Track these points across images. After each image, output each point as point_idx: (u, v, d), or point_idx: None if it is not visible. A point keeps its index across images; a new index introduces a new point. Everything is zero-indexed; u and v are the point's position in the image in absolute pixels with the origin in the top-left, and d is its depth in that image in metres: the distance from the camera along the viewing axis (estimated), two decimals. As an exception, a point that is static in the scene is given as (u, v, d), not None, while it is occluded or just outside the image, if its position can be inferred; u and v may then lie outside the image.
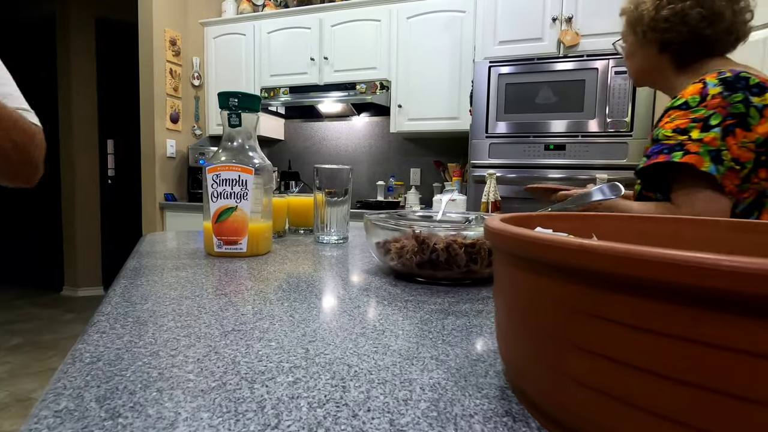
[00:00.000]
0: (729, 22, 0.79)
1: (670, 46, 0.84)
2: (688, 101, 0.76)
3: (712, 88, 0.75)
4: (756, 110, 0.72)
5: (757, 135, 0.72)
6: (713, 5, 0.78)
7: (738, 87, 0.74)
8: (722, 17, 0.78)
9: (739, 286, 0.12)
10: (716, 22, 0.79)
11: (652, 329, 0.14)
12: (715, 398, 0.13)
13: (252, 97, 0.65)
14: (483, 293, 0.47)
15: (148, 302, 0.39)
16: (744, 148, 0.72)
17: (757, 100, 0.72)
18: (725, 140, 0.72)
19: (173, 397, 0.22)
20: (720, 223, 0.27)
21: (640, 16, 0.85)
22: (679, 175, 0.76)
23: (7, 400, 1.99)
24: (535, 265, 0.19)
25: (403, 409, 0.22)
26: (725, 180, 0.72)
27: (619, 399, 0.16)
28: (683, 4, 0.79)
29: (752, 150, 0.72)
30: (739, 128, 0.72)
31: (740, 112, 0.72)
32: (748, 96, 0.72)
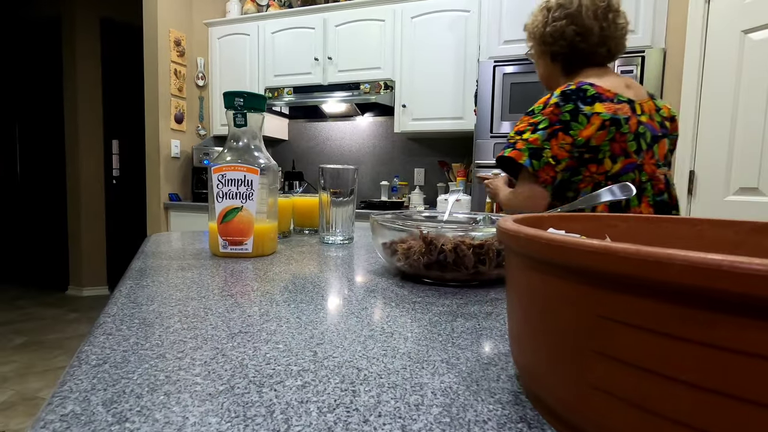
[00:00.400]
0: (598, 36, 0.94)
1: (557, 57, 1.00)
2: (534, 109, 0.94)
3: (552, 99, 0.91)
4: (584, 117, 0.87)
5: (580, 138, 0.88)
6: (584, 23, 0.94)
7: (572, 98, 0.89)
8: (592, 32, 0.94)
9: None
10: (588, 37, 0.94)
11: (673, 334, 0.14)
12: (747, 409, 0.13)
13: (257, 97, 0.65)
14: (491, 295, 0.46)
15: (154, 303, 0.39)
16: (562, 149, 0.89)
17: (588, 108, 0.87)
18: (549, 141, 0.89)
19: (181, 401, 0.22)
20: (740, 224, 0.26)
21: (534, 31, 1.01)
22: (517, 167, 0.95)
23: (14, 399, 2.00)
24: (552, 267, 0.18)
25: (415, 415, 0.21)
26: (541, 172, 0.90)
27: (639, 406, 0.15)
28: (561, 23, 0.95)
29: (567, 151, 0.89)
30: (562, 132, 0.88)
31: (566, 120, 0.88)
32: (578, 105, 0.88)
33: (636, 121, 0.90)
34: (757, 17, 1.56)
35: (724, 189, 1.66)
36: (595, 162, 0.90)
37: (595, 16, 0.93)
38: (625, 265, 0.14)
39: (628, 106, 0.90)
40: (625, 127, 0.88)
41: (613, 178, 0.90)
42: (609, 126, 0.87)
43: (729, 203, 1.65)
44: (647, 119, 0.93)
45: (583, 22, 0.93)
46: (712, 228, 0.27)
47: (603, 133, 0.88)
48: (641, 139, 0.91)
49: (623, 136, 0.88)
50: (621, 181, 0.90)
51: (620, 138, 0.88)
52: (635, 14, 1.87)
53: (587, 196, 0.57)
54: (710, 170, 1.72)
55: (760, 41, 1.55)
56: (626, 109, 0.90)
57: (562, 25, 0.95)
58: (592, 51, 0.96)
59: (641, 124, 0.91)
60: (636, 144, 0.90)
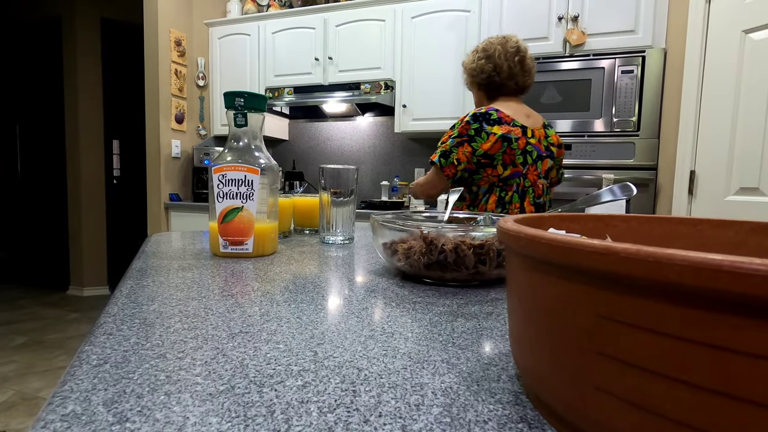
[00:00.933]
0: (507, 73, 1.27)
1: (481, 86, 1.33)
2: (455, 125, 1.26)
3: (466, 117, 1.23)
4: (486, 134, 1.20)
5: (480, 149, 1.20)
6: (496, 62, 1.27)
7: (480, 119, 1.21)
8: (502, 69, 1.27)
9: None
10: (500, 73, 1.27)
11: (674, 334, 0.14)
12: (748, 409, 0.12)
13: (258, 97, 0.65)
14: (492, 295, 0.46)
15: (155, 303, 0.39)
16: (464, 155, 1.22)
17: (489, 128, 1.20)
18: (456, 148, 1.22)
19: (181, 401, 0.22)
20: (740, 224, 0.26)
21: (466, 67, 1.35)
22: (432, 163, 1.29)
23: (14, 398, 2.00)
24: (553, 267, 0.18)
25: (416, 415, 0.21)
26: (446, 168, 1.23)
27: (640, 406, 0.15)
28: (482, 61, 1.29)
29: (467, 157, 1.21)
30: (467, 143, 1.21)
31: (471, 134, 1.20)
32: (483, 125, 1.20)
33: (525, 141, 1.22)
34: (757, 17, 1.56)
35: (725, 189, 1.66)
36: (490, 167, 1.22)
37: (506, 58, 1.27)
38: (625, 265, 0.14)
39: (521, 130, 1.22)
40: (514, 144, 1.20)
41: (503, 180, 1.23)
42: (502, 142, 1.19)
43: (729, 203, 1.65)
44: (536, 142, 1.25)
45: (496, 62, 1.27)
46: (713, 228, 0.27)
47: (497, 146, 1.19)
48: (528, 155, 1.23)
49: (512, 151, 1.20)
50: (510, 183, 1.23)
51: (510, 152, 1.20)
52: (635, 14, 1.87)
53: (588, 196, 0.57)
54: (711, 170, 1.71)
55: (760, 41, 1.55)
56: (518, 132, 1.21)
57: (483, 63, 1.29)
58: (503, 83, 1.29)
59: (529, 144, 1.23)
60: (522, 158, 1.22)
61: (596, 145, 1.89)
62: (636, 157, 1.83)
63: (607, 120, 1.86)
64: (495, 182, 1.23)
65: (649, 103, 1.81)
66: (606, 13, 1.91)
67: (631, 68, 1.82)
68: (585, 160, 1.90)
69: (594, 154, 1.89)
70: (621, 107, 1.84)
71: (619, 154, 1.86)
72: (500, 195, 1.25)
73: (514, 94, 1.32)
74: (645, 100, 1.82)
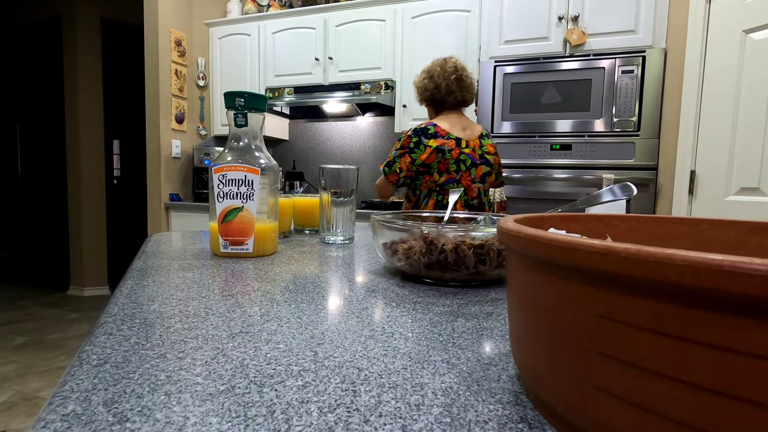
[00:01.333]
0: (446, 90, 1.46)
1: (427, 102, 1.53)
2: (400, 138, 1.45)
3: (409, 132, 1.43)
4: (423, 146, 1.40)
5: (418, 160, 1.40)
6: (435, 80, 1.46)
7: (419, 133, 1.41)
8: (440, 87, 1.46)
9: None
10: (440, 90, 1.46)
11: (674, 334, 0.14)
12: (748, 409, 0.12)
13: (258, 97, 0.65)
14: (492, 295, 0.46)
15: (155, 303, 0.39)
16: (404, 164, 1.42)
17: (426, 141, 1.40)
18: (399, 159, 1.43)
19: (181, 400, 0.22)
20: (741, 224, 0.26)
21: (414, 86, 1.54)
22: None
23: (14, 398, 2.00)
24: (553, 267, 0.18)
25: (416, 415, 0.21)
26: (390, 176, 1.45)
27: (640, 406, 0.15)
28: (425, 81, 1.49)
29: (407, 166, 1.42)
30: (408, 155, 1.42)
31: (411, 147, 1.41)
32: (421, 138, 1.40)
33: (458, 151, 1.41)
34: (758, 17, 1.56)
35: (725, 189, 1.66)
36: (428, 174, 1.42)
37: (444, 77, 1.45)
38: (626, 265, 0.14)
39: (455, 142, 1.41)
40: (447, 155, 1.40)
41: (440, 185, 1.43)
42: (437, 153, 1.39)
43: (730, 203, 1.65)
44: (470, 151, 1.43)
45: (436, 81, 1.46)
46: (713, 228, 0.27)
47: (433, 157, 1.39)
48: (461, 163, 1.42)
49: (446, 161, 1.40)
50: (445, 188, 1.42)
51: (444, 161, 1.40)
52: (636, 14, 1.87)
53: (588, 196, 0.57)
54: (711, 170, 1.71)
55: (761, 41, 1.55)
56: (452, 143, 1.40)
57: (426, 82, 1.49)
58: (444, 99, 1.47)
59: (463, 153, 1.42)
60: (456, 166, 1.41)
61: (596, 145, 1.88)
62: (636, 157, 1.83)
63: (608, 120, 1.86)
64: (433, 187, 1.44)
65: (650, 103, 1.81)
66: (606, 13, 1.91)
67: (632, 68, 1.82)
68: (585, 160, 1.90)
69: (594, 154, 1.89)
70: (621, 107, 1.84)
71: (619, 154, 1.86)
72: (437, 198, 1.44)
73: (456, 108, 1.51)
74: (645, 100, 1.82)
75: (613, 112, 1.85)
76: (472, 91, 1.50)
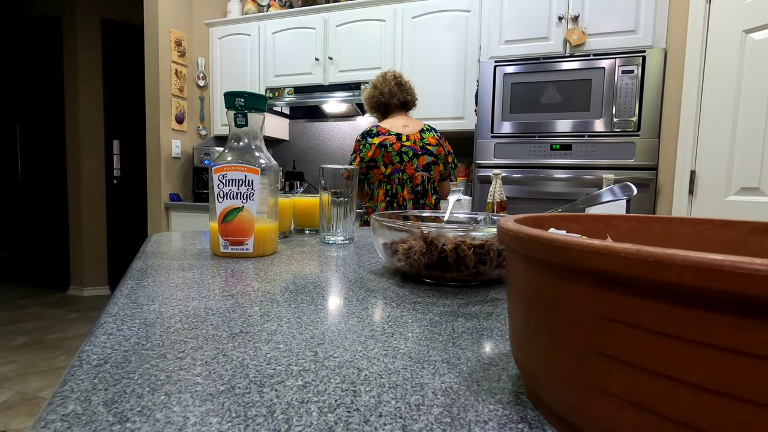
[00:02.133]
0: (388, 94, 1.72)
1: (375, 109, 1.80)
2: (358, 139, 1.72)
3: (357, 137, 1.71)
4: (369, 145, 1.64)
5: (366, 157, 1.65)
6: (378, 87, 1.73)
7: (365, 135, 1.68)
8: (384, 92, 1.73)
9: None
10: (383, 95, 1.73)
11: (674, 335, 0.14)
12: (749, 409, 0.12)
13: (258, 97, 0.65)
14: (492, 295, 0.46)
15: (155, 303, 0.39)
16: (360, 162, 1.66)
17: (371, 140, 1.65)
18: (353, 161, 1.67)
19: (182, 400, 0.22)
20: (741, 224, 0.26)
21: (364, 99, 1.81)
22: None
23: (14, 398, 2.00)
24: (553, 267, 0.18)
25: (416, 415, 0.21)
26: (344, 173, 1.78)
27: (640, 406, 0.15)
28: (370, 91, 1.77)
29: (361, 162, 1.66)
30: (357, 156, 1.67)
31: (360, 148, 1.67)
32: (366, 139, 1.66)
33: (400, 145, 1.64)
34: (758, 17, 1.56)
35: (725, 189, 1.66)
36: (376, 167, 1.66)
37: (385, 84, 1.72)
38: (626, 265, 0.14)
39: (395, 137, 1.65)
40: (390, 148, 1.63)
41: (387, 176, 1.66)
42: (380, 148, 1.63)
43: (730, 203, 1.65)
44: (410, 144, 1.65)
45: (380, 88, 1.73)
46: (713, 228, 0.27)
47: (378, 151, 1.64)
48: (404, 155, 1.64)
49: (389, 154, 1.64)
50: (392, 178, 1.65)
51: (387, 155, 1.64)
52: (636, 14, 1.87)
53: (588, 196, 0.57)
54: (711, 170, 1.71)
55: (761, 41, 1.55)
56: (393, 138, 1.64)
57: (371, 91, 1.76)
58: (388, 102, 1.73)
59: (404, 146, 1.64)
60: (399, 158, 1.64)
61: (596, 145, 1.88)
62: (636, 157, 1.83)
63: (608, 120, 1.86)
64: (382, 179, 1.67)
65: (650, 103, 1.81)
66: (606, 13, 1.91)
67: (632, 68, 1.82)
68: (585, 160, 1.90)
69: (594, 154, 1.89)
70: (621, 107, 1.84)
71: (619, 154, 1.86)
72: (386, 188, 1.66)
73: (401, 109, 1.77)
74: (645, 100, 1.82)
75: (613, 112, 1.85)
76: (412, 93, 1.76)
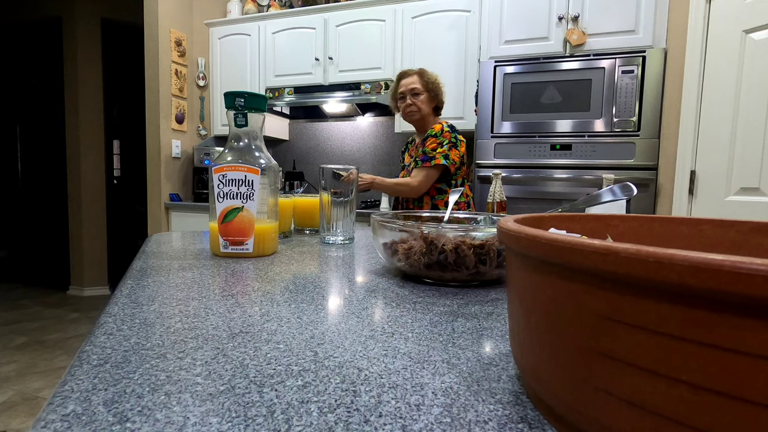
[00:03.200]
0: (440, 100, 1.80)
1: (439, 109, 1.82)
2: (436, 134, 1.70)
3: (444, 128, 1.71)
4: (459, 141, 1.71)
5: (461, 152, 1.70)
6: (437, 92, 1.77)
7: (453, 129, 1.72)
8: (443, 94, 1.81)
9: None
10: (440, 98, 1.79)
11: (674, 334, 0.14)
12: (749, 409, 0.12)
13: (258, 97, 0.65)
14: (492, 295, 0.46)
15: (155, 303, 0.39)
16: (457, 157, 1.69)
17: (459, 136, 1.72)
18: (450, 151, 1.67)
19: (182, 400, 0.22)
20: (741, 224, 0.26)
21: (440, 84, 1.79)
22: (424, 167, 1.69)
23: (15, 398, 2.00)
24: (553, 267, 0.18)
25: (416, 415, 0.21)
26: (451, 167, 1.68)
27: (640, 406, 0.15)
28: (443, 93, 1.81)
29: (459, 158, 1.69)
30: (454, 148, 1.68)
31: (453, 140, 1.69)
32: (456, 133, 1.70)
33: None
34: (758, 17, 1.56)
35: (726, 189, 1.66)
36: (463, 165, 1.73)
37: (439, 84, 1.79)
38: (626, 265, 0.14)
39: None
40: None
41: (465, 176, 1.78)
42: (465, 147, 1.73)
43: (730, 203, 1.65)
44: None
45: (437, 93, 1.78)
46: (714, 228, 0.27)
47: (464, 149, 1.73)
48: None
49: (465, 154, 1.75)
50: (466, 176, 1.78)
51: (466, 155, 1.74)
52: (636, 14, 1.87)
53: (588, 196, 0.57)
54: (711, 170, 1.71)
55: (761, 41, 1.55)
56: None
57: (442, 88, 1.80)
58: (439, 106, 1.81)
59: None
60: None
61: (596, 145, 1.88)
62: (636, 157, 1.83)
63: (608, 120, 1.86)
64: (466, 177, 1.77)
65: (650, 103, 1.81)
66: (606, 13, 1.91)
67: (632, 68, 1.82)
68: (585, 160, 1.90)
69: (594, 154, 1.89)
70: (621, 107, 1.84)
71: (619, 154, 1.86)
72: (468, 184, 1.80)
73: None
74: (645, 100, 1.82)
75: (613, 112, 1.85)
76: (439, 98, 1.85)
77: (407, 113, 1.76)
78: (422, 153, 1.69)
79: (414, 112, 1.73)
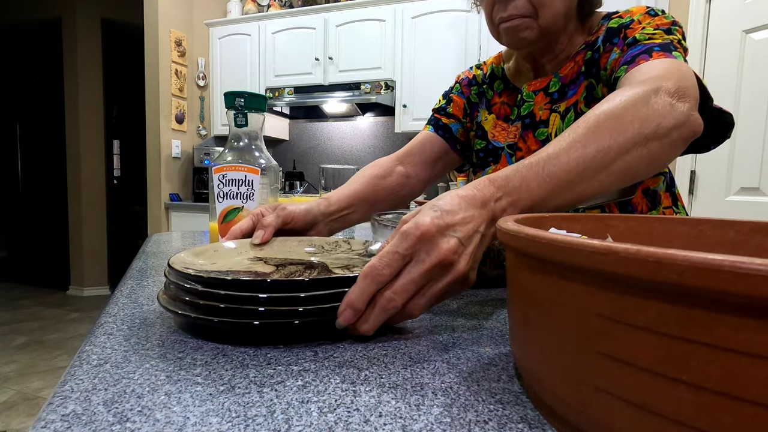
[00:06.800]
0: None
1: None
2: (667, 18, 0.70)
3: (669, 18, 0.70)
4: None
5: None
6: None
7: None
8: None
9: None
10: None
11: (674, 335, 0.14)
12: (749, 409, 0.12)
13: (258, 97, 0.65)
14: (492, 295, 0.46)
15: (155, 303, 0.39)
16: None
17: None
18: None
19: (182, 400, 0.22)
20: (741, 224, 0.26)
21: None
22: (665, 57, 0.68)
23: (15, 398, 2.00)
24: (553, 268, 0.18)
25: (416, 415, 0.21)
26: None
27: (640, 406, 0.15)
28: None
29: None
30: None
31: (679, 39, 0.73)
32: None
33: None
34: (758, 17, 1.56)
35: (725, 189, 1.66)
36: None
37: None
38: (626, 265, 0.14)
39: None
40: None
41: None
42: None
43: (730, 203, 1.65)
44: None
45: None
46: (713, 228, 0.27)
47: None
48: None
49: None
50: None
51: None
52: (636, 14, 1.87)
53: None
54: (711, 170, 1.71)
55: (761, 41, 1.55)
56: None
57: None
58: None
59: None
60: None
61: (596, 145, 1.88)
62: (636, 157, 1.83)
63: (608, 120, 1.86)
64: None
65: (650, 103, 1.81)
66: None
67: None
68: (585, 160, 1.90)
69: (594, 154, 1.89)
70: (621, 107, 1.84)
71: (619, 154, 1.85)
72: None
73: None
74: (645, 100, 1.81)
75: (613, 112, 1.85)
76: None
77: (513, 27, 0.71)
78: (636, 42, 0.63)
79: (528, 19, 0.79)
